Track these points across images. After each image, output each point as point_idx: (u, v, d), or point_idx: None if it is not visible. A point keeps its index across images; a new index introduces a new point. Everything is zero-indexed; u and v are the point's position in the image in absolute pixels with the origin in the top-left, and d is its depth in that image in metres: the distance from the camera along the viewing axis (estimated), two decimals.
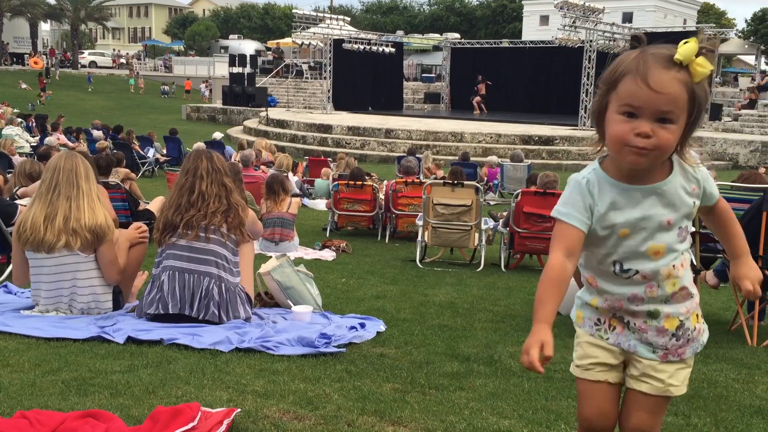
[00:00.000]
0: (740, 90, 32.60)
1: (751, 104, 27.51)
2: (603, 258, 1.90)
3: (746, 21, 60.34)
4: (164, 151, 18.18)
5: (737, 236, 2.01)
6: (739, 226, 2.03)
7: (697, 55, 1.71)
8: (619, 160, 1.82)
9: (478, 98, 30.49)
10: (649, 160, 1.77)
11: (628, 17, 53.87)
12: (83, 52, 60.61)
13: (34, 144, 16.64)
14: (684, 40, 1.72)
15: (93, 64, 56.61)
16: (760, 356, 4.01)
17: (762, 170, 12.88)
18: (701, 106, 1.75)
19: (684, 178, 1.87)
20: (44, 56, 51.67)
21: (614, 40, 26.44)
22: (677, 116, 1.72)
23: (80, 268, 4.32)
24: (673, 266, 1.88)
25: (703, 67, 1.72)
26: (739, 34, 55.70)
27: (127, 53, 65.51)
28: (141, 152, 16.89)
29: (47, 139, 15.48)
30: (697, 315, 1.96)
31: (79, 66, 54.80)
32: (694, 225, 4.21)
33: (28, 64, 48.79)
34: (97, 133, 18.55)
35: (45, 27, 77.38)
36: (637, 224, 1.84)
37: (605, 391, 1.97)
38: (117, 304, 4.51)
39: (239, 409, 2.84)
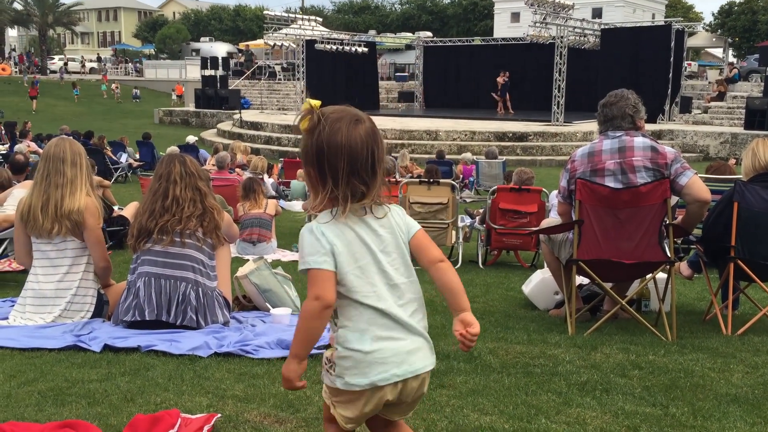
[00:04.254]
0: (709, 83, 33.06)
1: (720, 96, 27.91)
2: None
3: (713, 14, 61.32)
4: (137, 156, 18.00)
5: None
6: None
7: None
8: None
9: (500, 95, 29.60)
10: None
11: (597, 13, 54.40)
12: (53, 58, 59.74)
13: (4, 152, 16.38)
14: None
15: (63, 68, 55.89)
16: (735, 345, 4.07)
17: (732, 162, 13.07)
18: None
19: None
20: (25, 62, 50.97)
21: (584, 36, 26.71)
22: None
23: (75, 255, 4.38)
24: None
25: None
26: (707, 28, 56.52)
27: (104, 57, 64.77)
28: (113, 158, 16.71)
29: (17, 147, 15.26)
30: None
31: (48, 72, 54.06)
32: (667, 217, 4.26)
33: None
34: None
35: (12, 33, 76.28)
36: None
37: None
38: (99, 312, 4.45)
39: (219, 415, 2.82)
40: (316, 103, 1.98)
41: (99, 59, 60.64)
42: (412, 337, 2.04)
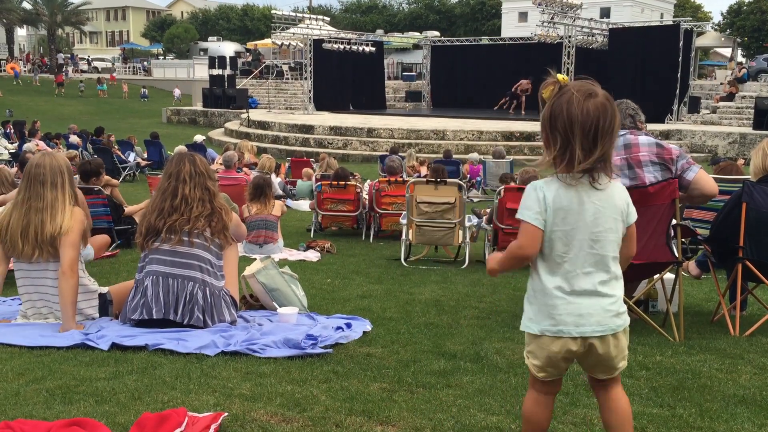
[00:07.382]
0: (720, 84, 32.87)
1: (730, 97, 27.71)
2: None
3: (722, 14, 60.93)
4: (145, 155, 18.05)
5: None
6: None
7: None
8: None
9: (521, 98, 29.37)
10: None
11: (605, 12, 54.21)
12: (84, 58, 61.24)
13: (13, 151, 16.47)
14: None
15: (95, 69, 57.27)
16: (742, 346, 4.05)
17: (740, 162, 13.01)
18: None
19: None
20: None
21: (592, 36, 26.64)
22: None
23: (57, 276, 4.25)
24: None
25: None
26: (715, 27, 56.23)
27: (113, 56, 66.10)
28: (122, 157, 16.76)
29: (26, 146, 15.34)
30: None
31: (56, 71, 54.40)
32: (675, 218, 4.25)
33: (4, 70, 48.30)
34: (73, 138, 18.37)
35: (21, 32, 76.60)
36: None
37: None
38: (104, 312, 4.46)
39: (226, 413, 2.83)
40: (564, 78, 2.22)
41: (124, 60, 62.37)
42: (589, 300, 2.22)
